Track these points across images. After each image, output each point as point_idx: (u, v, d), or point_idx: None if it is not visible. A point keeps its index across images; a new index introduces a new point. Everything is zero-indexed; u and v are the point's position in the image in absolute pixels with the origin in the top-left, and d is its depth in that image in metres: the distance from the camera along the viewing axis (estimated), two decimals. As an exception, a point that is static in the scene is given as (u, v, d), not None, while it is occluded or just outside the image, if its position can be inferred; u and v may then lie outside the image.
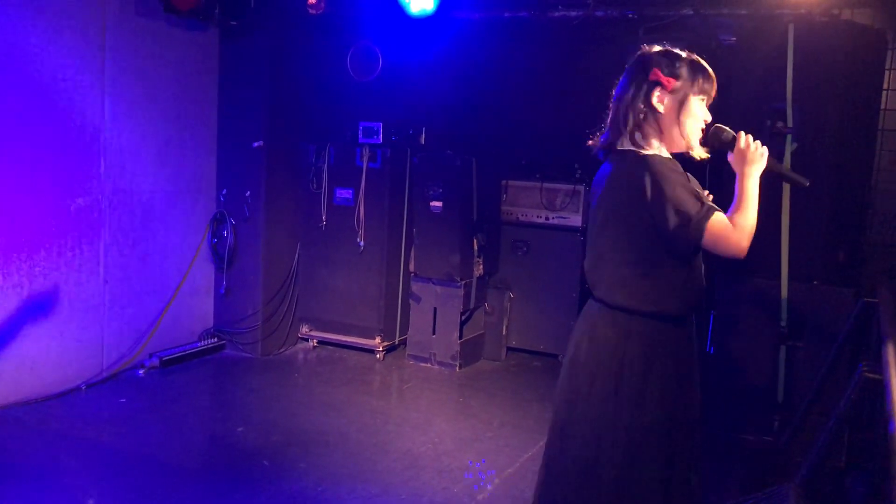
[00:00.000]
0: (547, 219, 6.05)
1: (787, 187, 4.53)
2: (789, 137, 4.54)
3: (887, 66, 4.87)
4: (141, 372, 5.42)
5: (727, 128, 2.36)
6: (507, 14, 5.55)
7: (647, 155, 2.29)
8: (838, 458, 4.19)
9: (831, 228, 4.59)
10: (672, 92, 2.28)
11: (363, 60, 6.20)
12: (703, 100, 2.33)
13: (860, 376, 2.71)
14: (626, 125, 2.32)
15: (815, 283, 4.57)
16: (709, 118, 2.36)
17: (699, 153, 2.36)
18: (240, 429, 4.57)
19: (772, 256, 4.60)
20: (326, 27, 5.92)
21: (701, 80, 2.31)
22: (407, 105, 6.21)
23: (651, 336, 2.29)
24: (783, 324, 4.59)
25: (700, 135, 2.35)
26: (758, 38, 4.73)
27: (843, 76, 4.49)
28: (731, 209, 2.25)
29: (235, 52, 5.83)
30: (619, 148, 2.35)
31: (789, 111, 4.54)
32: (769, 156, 2.29)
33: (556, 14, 5.36)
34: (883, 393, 2.49)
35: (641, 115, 2.30)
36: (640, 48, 2.38)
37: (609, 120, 2.39)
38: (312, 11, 5.46)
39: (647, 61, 2.32)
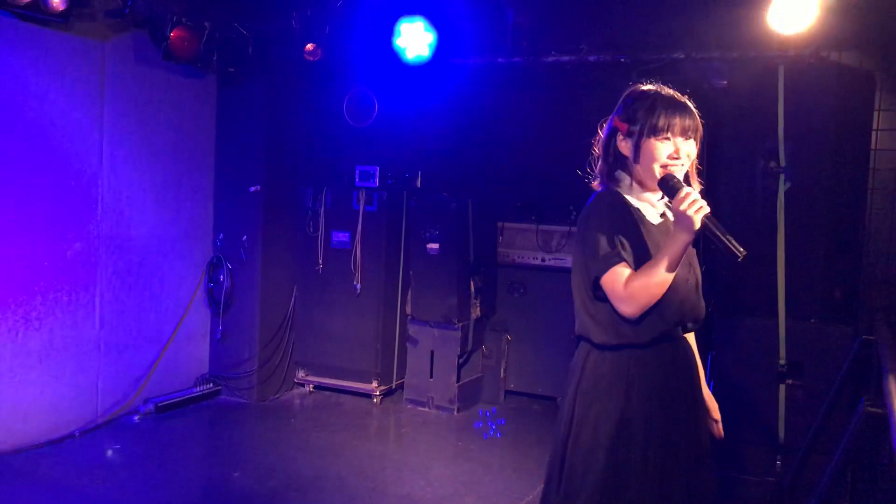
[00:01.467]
0: (543, 260, 6.06)
1: (781, 225, 4.57)
2: (782, 177, 4.59)
3: (876, 107, 4.94)
4: (136, 418, 5.36)
5: (677, 179, 2.19)
6: (501, 59, 5.63)
7: (597, 193, 2.35)
8: (842, 498, 4.15)
9: (827, 266, 4.61)
10: (629, 136, 2.27)
11: (359, 106, 6.27)
12: (664, 139, 2.22)
13: (863, 411, 2.70)
14: (596, 167, 2.40)
15: (812, 321, 4.57)
16: (662, 158, 2.22)
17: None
18: (236, 474, 4.50)
19: (769, 295, 4.62)
20: (323, 74, 6.01)
21: (655, 118, 2.22)
22: (403, 149, 6.26)
23: (610, 364, 2.26)
24: (782, 362, 4.57)
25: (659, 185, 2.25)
26: (749, 81, 4.81)
27: (834, 117, 4.55)
28: (643, 265, 2.17)
29: (233, 99, 5.89)
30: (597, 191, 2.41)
31: (781, 151, 4.59)
32: (709, 217, 2.10)
33: (550, 59, 5.45)
34: (887, 427, 2.48)
35: (611, 160, 2.34)
36: (632, 83, 2.39)
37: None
38: (309, 58, 5.54)
39: (617, 106, 2.35)
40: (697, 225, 2.08)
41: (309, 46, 5.50)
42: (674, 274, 2.14)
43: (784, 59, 4.66)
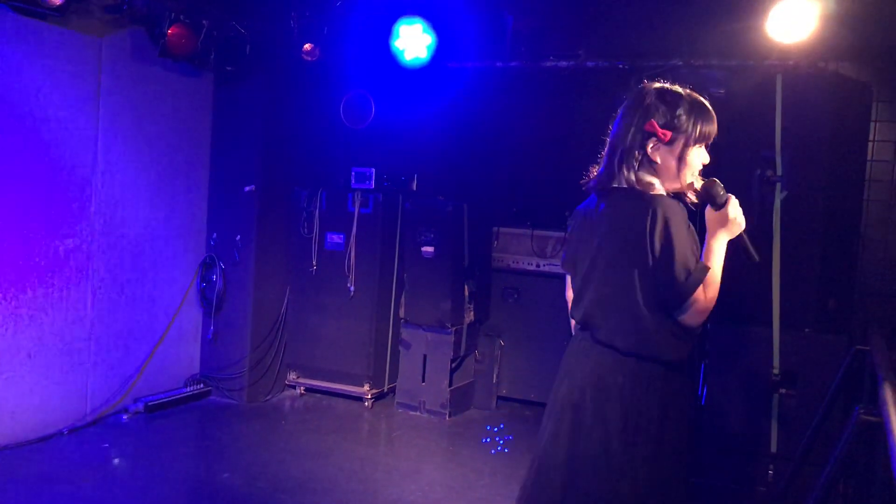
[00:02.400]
0: (538, 266, 6.05)
1: (777, 234, 4.56)
2: (779, 186, 4.59)
3: (873, 118, 4.95)
4: (125, 417, 5.31)
5: (722, 187, 2.26)
6: (499, 64, 5.63)
7: (655, 196, 2.18)
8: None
9: (822, 276, 4.60)
10: (669, 143, 2.19)
11: (356, 108, 6.26)
12: (702, 146, 2.25)
13: (857, 419, 2.68)
14: (620, 169, 2.24)
15: (806, 330, 4.57)
16: (707, 160, 2.28)
17: (691, 197, 2.30)
18: (225, 475, 4.47)
19: (763, 305, 4.61)
20: (320, 74, 5.99)
21: (700, 127, 2.21)
22: (399, 151, 6.25)
23: (665, 383, 2.20)
24: (775, 372, 4.56)
25: (694, 179, 2.27)
26: (746, 89, 4.81)
27: (831, 127, 4.55)
28: None
29: (230, 98, 5.87)
30: (615, 185, 2.26)
31: (778, 160, 4.59)
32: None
33: (548, 64, 5.45)
34: (882, 435, 2.47)
35: (636, 163, 2.22)
36: (642, 83, 2.29)
37: (606, 156, 2.30)
38: (307, 58, 5.53)
39: (645, 107, 2.22)
40: (739, 233, 2.21)
41: (307, 47, 5.49)
42: None
43: (782, 68, 4.67)
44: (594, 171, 2.37)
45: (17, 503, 3.95)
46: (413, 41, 5.31)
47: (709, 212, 2.26)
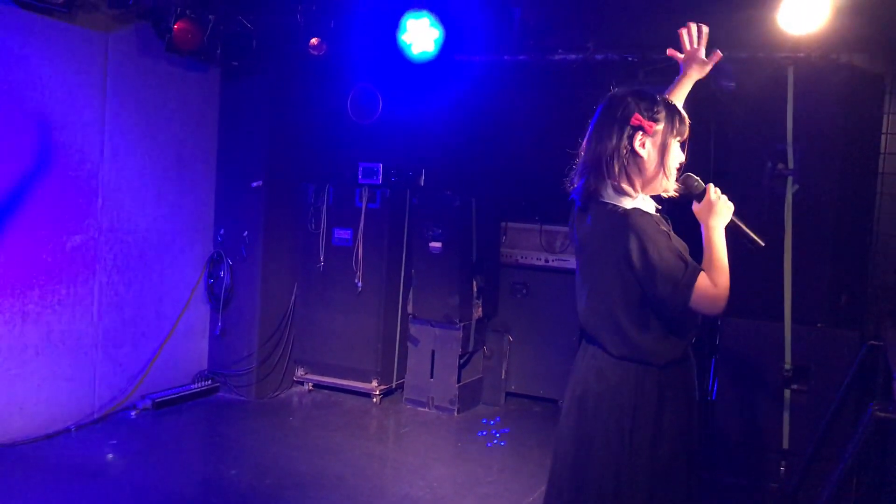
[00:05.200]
0: (546, 261, 6.01)
1: (788, 228, 4.51)
2: (790, 179, 4.54)
3: (885, 111, 4.89)
4: (133, 414, 5.31)
5: (697, 178, 2.34)
6: (507, 57, 5.58)
7: (628, 212, 2.24)
8: (847, 505, 4.09)
9: (834, 271, 4.56)
10: (653, 136, 2.28)
11: (364, 102, 6.22)
12: (679, 141, 2.33)
13: (871, 416, 2.65)
14: (610, 172, 2.28)
15: (818, 325, 4.52)
16: (682, 159, 2.35)
17: (671, 192, 2.37)
18: (233, 472, 4.45)
19: (775, 299, 4.56)
20: (327, 69, 5.96)
21: (677, 122, 2.31)
22: (407, 146, 6.21)
23: (661, 381, 2.28)
24: (787, 367, 4.52)
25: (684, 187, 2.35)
26: (758, 81, 4.75)
27: (843, 119, 4.50)
28: (704, 266, 2.20)
29: (236, 92, 5.85)
30: (600, 199, 2.31)
31: (790, 153, 4.54)
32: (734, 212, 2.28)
33: (556, 57, 5.40)
34: (896, 432, 2.43)
35: (625, 161, 2.28)
36: (611, 90, 2.38)
37: (585, 165, 2.34)
38: (314, 53, 5.50)
39: (626, 106, 2.29)
40: (730, 216, 2.22)
41: (314, 41, 5.46)
42: None
43: (794, 60, 4.61)
44: (574, 179, 2.40)
45: (26, 499, 3.95)
46: (420, 35, 5.26)
47: (695, 206, 2.32)
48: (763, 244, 2.27)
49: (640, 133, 2.27)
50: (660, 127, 2.28)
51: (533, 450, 5.07)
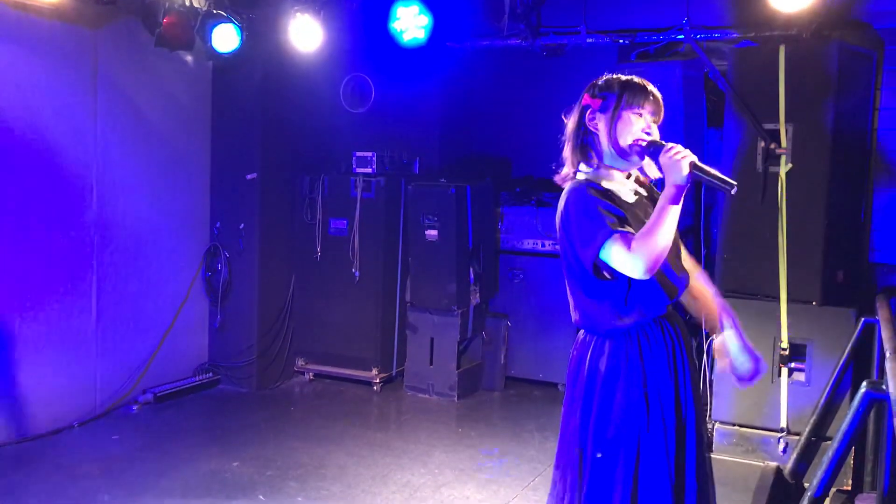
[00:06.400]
0: (543, 246, 6.02)
1: (782, 206, 4.52)
2: (784, 158, 4.54)
3: (876, 86, 4.88)
4: (135, 408, 5.34)
5: (661, 141, 2.28)
6: (498, 42, 5.56)
7: (569, 186, 2.35)
8: (845, 481, 4.12)
9: (829, 249, 4.56)
10: (601, 110, 2.33)
11: (356, 91, 6.21)
12: (638, 114, 2.31)
13: (864, 394, 2.67)
14: (574, 153, 2.38)
15: (814, 303, 4.53)
16: (652, 133, 2.31)
17: (652, 172, 2.37)
18: (235, 463, 4.48)
19: (770, 278, 4.57)
20: (319, 59, 5.93)
21: (629, 95, 2.31)
22: (400, 134, 6.21)
23: (610, 349, 2.34)
24: (783, 345, 4.54)
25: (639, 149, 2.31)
26: (749, 60, 4.75)
27: (835, 96, 4.50)
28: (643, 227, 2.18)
29: (228, 85, 5.84)
30: (569, 180, 2.41)
31: (783, 132, 4.54)
32: (695, 163, 2.15)
33: (548, 41, 5.38)
34: (887, 409, 2.45)
35: (581, 140, 2.36)
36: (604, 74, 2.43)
37: (562, 152, 2.45)
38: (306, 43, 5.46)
39: (583, 93, 2.40)
40: (686, 170, 2.13)
41: (304, 31, 5.42)
42: (675, 227, 2.16)
43: (785, 38, 4.60)
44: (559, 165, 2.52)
45: (33, 496, 3.97)
46: (410, 22, 5.25)
47: (661, 162, 2.26)
48: (735, 184, 2.18)
49: (590, 111, 2.35)
50: (608, 101, 2.32)
51: (533, 433, 5.10)
